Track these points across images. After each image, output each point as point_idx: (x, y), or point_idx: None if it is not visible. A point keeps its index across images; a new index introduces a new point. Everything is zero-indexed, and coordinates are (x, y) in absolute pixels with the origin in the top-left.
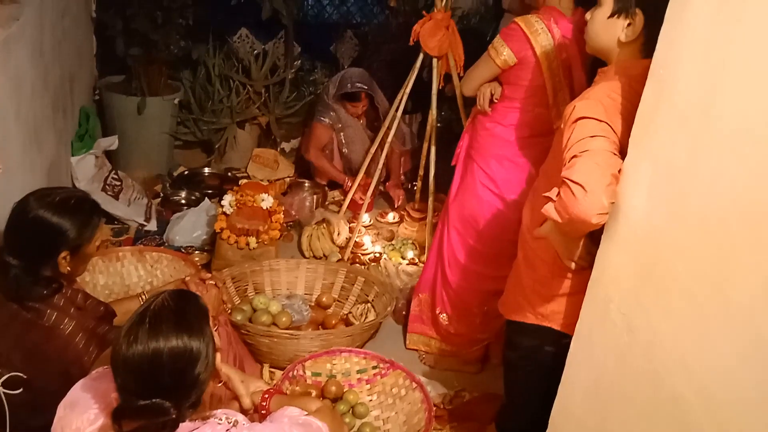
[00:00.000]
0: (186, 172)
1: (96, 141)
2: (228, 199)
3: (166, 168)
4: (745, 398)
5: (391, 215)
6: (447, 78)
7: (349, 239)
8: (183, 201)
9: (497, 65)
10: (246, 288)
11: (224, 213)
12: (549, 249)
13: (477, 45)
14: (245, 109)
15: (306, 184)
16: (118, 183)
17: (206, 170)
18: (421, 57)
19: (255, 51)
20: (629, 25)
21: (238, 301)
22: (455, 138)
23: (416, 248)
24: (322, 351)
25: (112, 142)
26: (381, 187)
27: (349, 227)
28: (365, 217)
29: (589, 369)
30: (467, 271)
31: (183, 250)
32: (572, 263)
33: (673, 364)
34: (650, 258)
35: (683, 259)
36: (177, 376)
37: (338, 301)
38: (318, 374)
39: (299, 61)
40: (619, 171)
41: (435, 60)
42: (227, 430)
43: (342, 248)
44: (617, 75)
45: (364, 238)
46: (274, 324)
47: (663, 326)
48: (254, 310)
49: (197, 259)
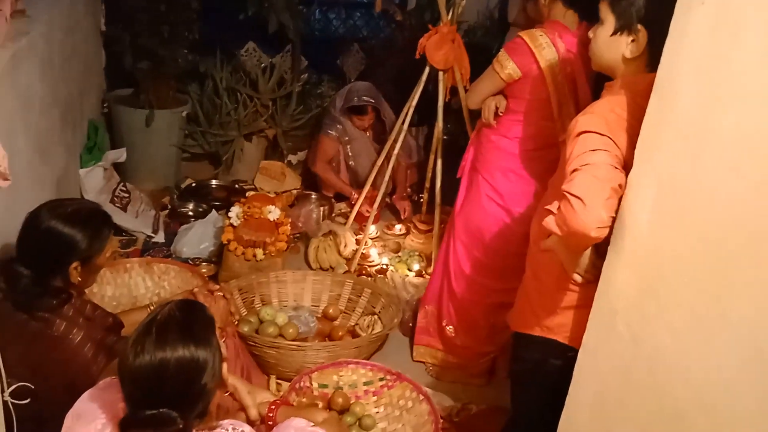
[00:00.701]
0: (193, 184)
1: (104, 153)
2: (235, 211)
3: (174, 180)
4: (748, 413)
5: (398, 227)
6: (453, 91)
7: (356, 251)
8: (190, 213)
9: (502, 79)
10: (253, 299)
11: (231, 225)
12: (555, 261)
13: (483, 58)
14: (252, 122)
15: (313, 196)
16: (126, 195)
17: (213, 182)
18: (427, 70)
19: (262, 64)
20: (633, 42)
21: (245, 313)
22: (461, 150)
23: (423, 260)
24: (329, 363)
25: (121, 155)
26: (387, 199)
27: (356, 239)
28: (372, 229)
29: (595, 382)
30: (473, 284)
31: (190, 262)
32: (578, 276)
33: (676, 378)
34: (654, 271)
35: (686, 273)
36: (184, 386)
37: (345, 313)
38: (325, 386)
39: (306, 75)
40: (620, 185)
41: (441, 73)
42: None
43: (349, 260)
44: (622, 90)
45: (371, 250)
46: (281, 335)
47: (666, 340)
48: (261, 322)
49: (204, 271)
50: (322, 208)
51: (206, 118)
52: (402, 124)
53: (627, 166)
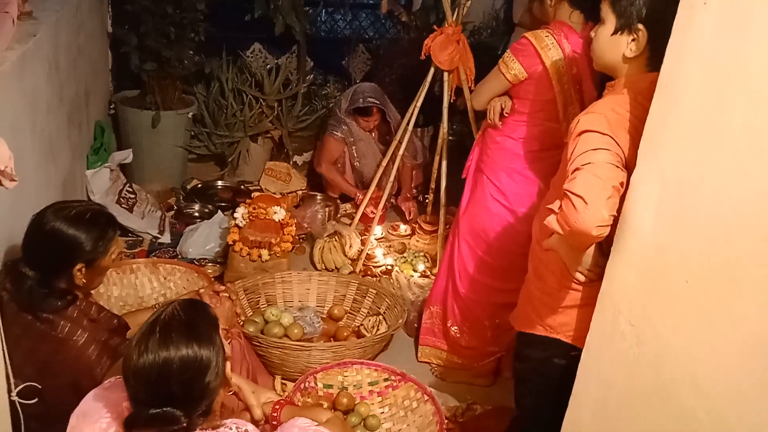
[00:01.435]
0: (199, 185)
1: (111, 154)
2: (241, 212)
3: (180, 181)
4: (754, 413)
5: (403, 228)
6: (458, 92)
7: (361, 252)
8: (196, 214)
9: (507, 80)
10: (258, 300)
11: (237, 225)
12: (557, 261)
13: (488, 59)
14: (258, 123)
15: (318, 197)
16: (133, 196)
17: (219, 183)
18: (433, 71)
19: (268, 65)
20: (633, 41)
21: (251, 313)
22: (467, 151)
23: (428, 261)
24: (334, 363)
25: (127, 156)
26: (392, 200)
27: (361, 240)
28: (377, 230)
29: (599, 382)
30: (478, 284)
31: (196, 263)
32: (580, 275)
33: (682, 379)
34: (658, 271)
35: (690, 273)
36: (187, 385)
37: (350, 314)
38: (329, 386)
39: (312, 76)
40: (621, 184)
41: (446, 74)
42: None
43: (354, 261)
44: (623, 89)
45: (376, 251)
46: (286, 336)
47: (671, 340)
48: (266, 322)
49: (210, 272)
50: (328, 209)
51: (212, 119)
52: (407, 125)
53: (628, 166)
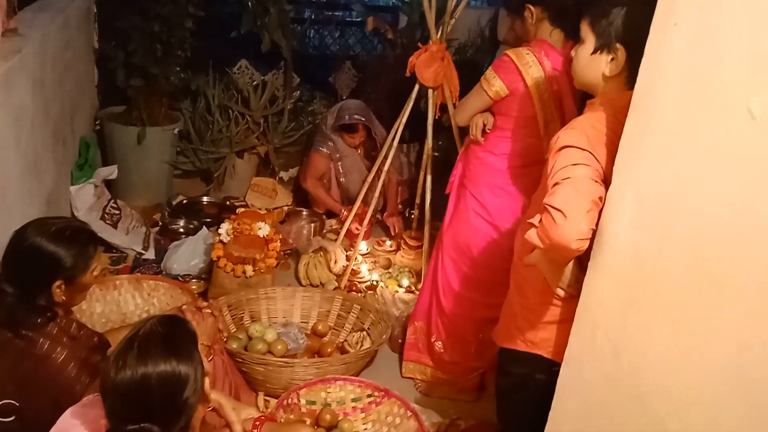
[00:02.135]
0: (185, 201)
1: (96, 170)
2: (225, 228)
3: (165, 197)
4: (728, 426)
5: (388, 243)
6: (443, 108)
7: (346, 267)
8: (181, 230)
9: (489, 96)
10: (242, 316)
11: (221, 241)
12: (539, 276)
13: (474, 76)
14: (244, 139)
15: (304, 213)
16: (117, 212)
17: (205, 199)
18: (417, 88)
19: (254, 82)
20: (612, 60)
21: (234, 329)
22: (452, 167)
23: (413, 276)
24: (317, 379)
25: (112, 172)
26: (378, 216)
27: (346, 255)
28: (362, 245)
29: (579, 395)
30: (461, 299)
31: (180, 279)
32: (561, 290)
33: (657, 390)
34: (636, 284)
35: (668, 286)
36: (165, 401)
37: (334, 329)
38: (313, 402)
39: (298, 92)
40: (600, 198)
41: (431, 91)
42: None
43: (339, 276)
44: (602, 106)
45: (361, 266)
46: (270, 352)
47: (648, 352)
48: (250, 338)
49: (194, 288)
50: (313, 225)
51: (198, 135)
52: (392, 141)
53: (607, 181)
